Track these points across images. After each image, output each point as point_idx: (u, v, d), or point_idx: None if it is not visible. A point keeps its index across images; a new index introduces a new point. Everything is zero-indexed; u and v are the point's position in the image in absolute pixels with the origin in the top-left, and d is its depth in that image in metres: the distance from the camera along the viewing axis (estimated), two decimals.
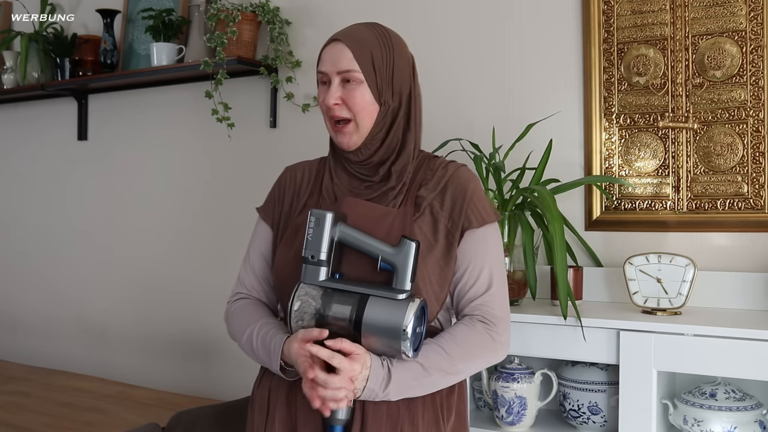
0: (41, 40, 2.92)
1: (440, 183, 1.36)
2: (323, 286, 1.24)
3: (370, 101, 1.32)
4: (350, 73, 1.30)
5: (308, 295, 1.23)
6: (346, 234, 1.25)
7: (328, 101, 1.31)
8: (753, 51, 1.87)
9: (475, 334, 1.31)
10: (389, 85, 1.33)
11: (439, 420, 1.34)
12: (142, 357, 2.84)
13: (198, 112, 2.70)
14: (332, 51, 1.33)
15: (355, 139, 1.33)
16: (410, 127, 1.37)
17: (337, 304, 1.22)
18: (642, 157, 1.99)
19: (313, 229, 1.24)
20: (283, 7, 2.53)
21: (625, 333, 1.62)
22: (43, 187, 3.16)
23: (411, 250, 1.22)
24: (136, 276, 2.89)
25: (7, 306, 3.26)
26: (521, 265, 1.82)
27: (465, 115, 2.22)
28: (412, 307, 1.19)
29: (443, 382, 1.31)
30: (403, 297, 1.20)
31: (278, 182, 1.48)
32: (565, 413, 1.84)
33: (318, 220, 1.24)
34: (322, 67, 1.34)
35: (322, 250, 1.23)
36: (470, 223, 1.34)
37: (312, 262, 1.23)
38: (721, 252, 1.89)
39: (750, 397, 1.64)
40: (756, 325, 1.57)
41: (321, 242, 1.23)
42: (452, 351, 1.28)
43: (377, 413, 1.28)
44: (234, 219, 2.61)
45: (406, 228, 1.30)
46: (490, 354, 1.33)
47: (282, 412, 1.33)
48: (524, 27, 2.16)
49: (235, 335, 1.41)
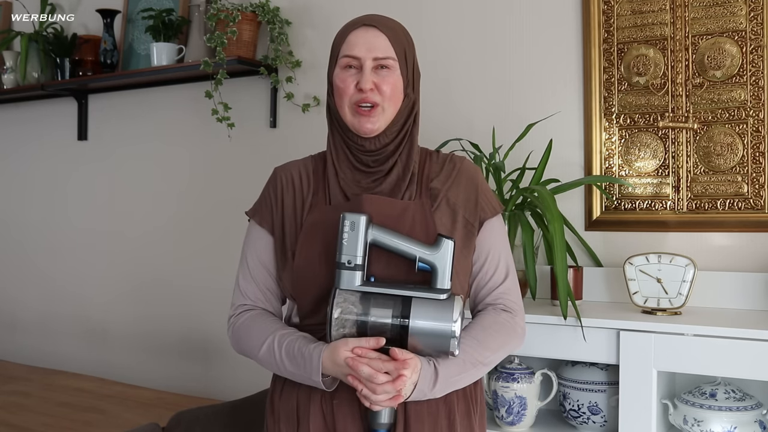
0: (41, 40, 2.92)
1: (451, 175, 1.37)
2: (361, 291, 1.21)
3: (399, 89, 1.32)
4: (387, 60, 1.30)
5: (347, 301, 1.20)
6: (381, 236, 1.23)
7: (365, 85, 1.28)
8: (753, 51, 1.87)
9: (502, 324, 1.34)
10: (412, 78, 1.35)
11: (470, 411, 1.36)
12: (142, 357, 2.84)
13: (198, 112, 2.70)
14: (366, 36, 1.30)
15: (379, 125, 1.31)
16: (416, 122, 1.38)
17: (378, 308, 1.19)
18: (642, 157, 1.99)
19: (348, 233, 1.21)
20: (283, 7, 2.53)
21: (625, 333, 1.62)
22: (43, 187, 3.16)
23: (449, 249, 1.22)
24: (136, 276, 2.89)
25: (7, 306, 3.26)
26: (521, 265, 1.81)
27: (465, 115, 2.22)
28: (458, 306, 1.19)
29: (479, 373, 1.32)
30: (445, 297, 1.20)
31: (272, 185, 1.42)
32: (565, 413, 1.84)
33: (353, 224, 1.21)
34: (354, 51, 1.30)
35: (359, 254, 1.21)
36: (486, 214, 1.36)
37: (348, 267, 1.21)
38: (721, 252, 1.89)
39: (750, 397, 1.64)
40: (756, 325, 1.57)
41: (357, 246, 1.21)
42: (486, 342, 1.30)
43: (419, 413, 1.28)
44: (234, 219, 2.60)
45: (427, 220, 1.31)
46: (515, 342, 1.36)
47: (317, 423, 1.30)
48: (524, 27, 2.16)
49: (247, 349, 1.36)
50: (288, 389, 1.35)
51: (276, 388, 1.39)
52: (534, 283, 1.79)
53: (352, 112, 1.31)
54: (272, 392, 1.40)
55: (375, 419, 1.23)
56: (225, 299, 2.60)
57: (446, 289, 1.21)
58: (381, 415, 1.23)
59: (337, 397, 1.29)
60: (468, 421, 1.36)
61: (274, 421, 1.37)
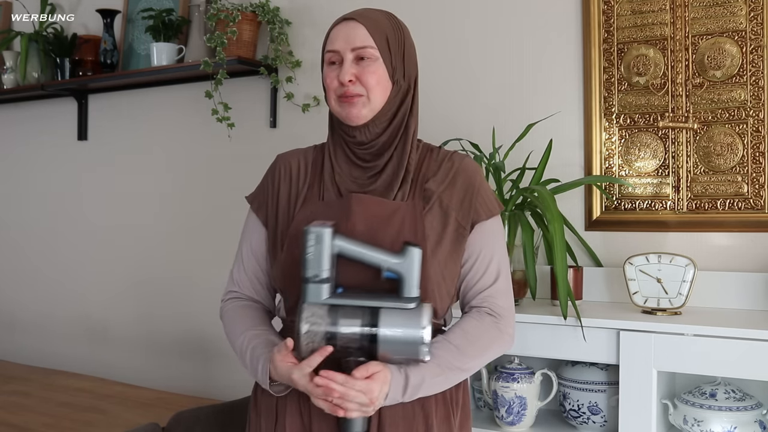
0: (41, 40, 2.92)
1: (448, 175, 1.35)
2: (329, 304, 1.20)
3: (384, 77, 1.30)
4: (365, 50, 1.28)
5: (315, 315, 1.19)
6: (346, 248, 1.22)
7: (343, 78, 1.28)
8: (753, 51, 1.87)
9: (485, 329, 1.32)
10: (401, 65, 1.33)
11: (449, 416, 1.35)
12: (142, 357, 2.84)
13: (198, 112, 2.70)
14: (344, 29, 1.30)
15: (365, 112, 1.30)
16: (413, 113, 1.36)
17: (347, 319, 1.18)
18: (642, 157, 1.99)
19: (313, 248, 1.19)
20: (283, 7, 2.53)
21: (625, 333, 1.62)
22: (43, 186, 3.16)
23: (415, 258, 1.20)
24: (136, 276, 2.89)
25: (6, 306, 3.26)
26: (521, 265, 1.82)
27: (465, 114, 2.22)
28: (426, 314, 1.18)
29: (457, 378, 1.31)
30: (414, 306, 1.19)
31: (271, 172, 1.42)
32: (565, 413, 1.84)
33: (318, 238, 1.19)
34: (333, 45, 1.30)
35: (324, 269, 1.19)
36: (479, 216, 1.34)
37: (315, 281, 1.19)
38: (721, 252, 1.89)
39: (750, 397, 1.64)
40: (756, 325, 1.57)
41: (322, 260, 1.19)
42: (465, 348, 1.29)
43: (393, 418, 1.28)
44: (234, 219, 2.60)
45: (417, 223, 1.29)
46: (499, 347, 1.35)
47: (293, 420, 1.31)
48: (524, 27, 2.16)
49: (228, 339, 1.41)
50: None
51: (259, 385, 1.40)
52: (534, 283, 1.78)
53: (339, 103, 1.31)
54: (255, 387, 1.41)
55: (348, 428, 1.22)
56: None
57: (414, 297, 1.20)
58: (354, 423, 1.22)
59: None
60: (447, 426, 1.34)
61: (256, 414, 1.39)
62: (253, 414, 1.41)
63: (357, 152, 1.34)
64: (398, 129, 1.34)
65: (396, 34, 1.33)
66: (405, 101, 1.34)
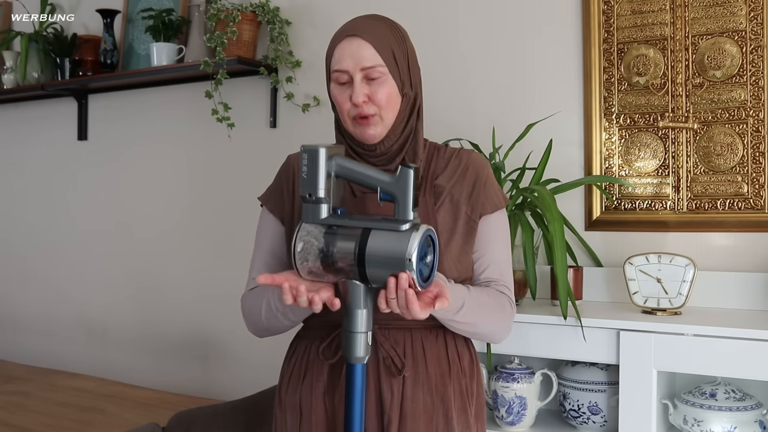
0: (41, 40, 2.92)
1: (457, 171, 1.38)
2: (325, 223, 1.19)
3: (394, 93, 1.31)
4: (375, 69, 1.28)
5: (310, 234, 1.18)
6: (343, 167, 1.20)
7: (357, 100, 1.28)
8: (753, 51, 1.87)
9: (495, 294, 1.35)
10: (408, 77, 1.33)
11: (466, 407, 1.37)
12: (143, 357, 2.84)
13: (198, 112, 2.70)
14: (350, 47, 1.29)
15: (380, 130, 1.31)
16: (420, 116, 1.38)
17: (342, 241, 1.16)
18: (642, 157, 1.99)
19: (307, 167, 1.17)
20: (283, 7, 2.53)
21: (625, 333, 1.62)
22: (43, 187, 3.16)
23: (409, 178, 1.16)
24: (136, 276, 2.89)
25: (7, 306, 3.26)
26: (521, 265, 1.81)
27: (465, 115, 2.22)
28: (416, 236, 1.14)
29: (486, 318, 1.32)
30: (407, 227, 1.15)
31: (284, 172, 1.43)
32: (565, 413, 1.84)
33: (311, 157, 1.17)
34: (341, 65, 1.30)
35: (320, 188, 1.17)
36: (485, 209, 1.37)
37: (310, 200, 1.18)
38: (721, 252, 1.89)
39: (750, 397, 1.64)
40: (756, 325, 1.57)
41: (317, 179, 1.17)
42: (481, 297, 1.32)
43: (414, 411, 1.29)
44: (234, 219, 2.61)
45: (429, 220, 1.32)
46: (504, 315, 1.36)
47: (318, 416, 1.32)
48: (524, 27, 2.16)
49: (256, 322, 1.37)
50: (293, 383, 1.38)
51: (283, 381, 1.41)
52: (534, 283, 1.78)
53: (353, 123, 1.32)
54: (280, 386, 1.42)
55: (351, 352, 1.20)
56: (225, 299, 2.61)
57: (408, 219, 1.16)
58: (357, 348, 1.20)
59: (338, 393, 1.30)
60: (464, 417, 1.36)
61: (281, 411, 1.40)
62: (278, 411, 1.41)
63: (369, 160, 1.36)
64: (408, 135, 1.36)
65: (400, 45, 1.33)
66: (415, 109, 1.37)
